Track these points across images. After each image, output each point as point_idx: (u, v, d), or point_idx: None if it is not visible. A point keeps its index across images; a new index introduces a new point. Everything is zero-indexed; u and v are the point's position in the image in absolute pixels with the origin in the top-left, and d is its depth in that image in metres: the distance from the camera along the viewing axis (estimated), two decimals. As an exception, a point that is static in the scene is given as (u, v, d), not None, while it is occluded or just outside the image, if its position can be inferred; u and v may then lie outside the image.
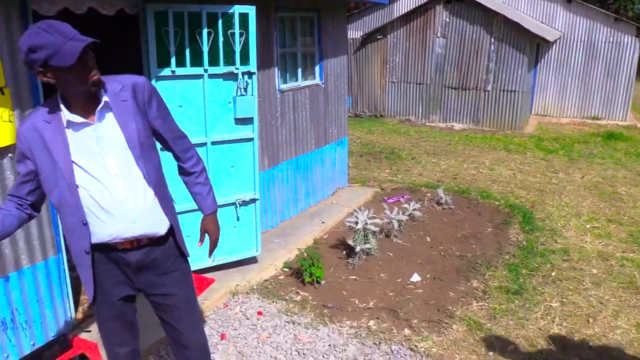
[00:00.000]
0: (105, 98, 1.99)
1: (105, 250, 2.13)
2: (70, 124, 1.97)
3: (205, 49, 3.88)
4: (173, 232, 2.24)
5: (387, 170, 8.01)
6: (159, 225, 2.16)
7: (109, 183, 2.01)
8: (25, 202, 2.12)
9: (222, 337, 3.54)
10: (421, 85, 12.48)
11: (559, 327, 3.79)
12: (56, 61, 1.80)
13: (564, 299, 4.17)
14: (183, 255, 2.33)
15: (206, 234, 2.50)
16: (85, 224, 2.05)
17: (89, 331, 3.53)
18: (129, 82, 2.08)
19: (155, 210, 2.13)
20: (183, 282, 2.33)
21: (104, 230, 2.06)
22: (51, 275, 3.34)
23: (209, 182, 2.44)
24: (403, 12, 12.76)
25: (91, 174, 1.99)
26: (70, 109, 1.96)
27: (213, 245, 2.52)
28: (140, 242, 2.14)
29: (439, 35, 12.01)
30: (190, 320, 2.39)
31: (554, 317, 3.91)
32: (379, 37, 12.75)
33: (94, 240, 2.08)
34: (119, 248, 2.12)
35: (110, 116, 2.02)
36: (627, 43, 12.33)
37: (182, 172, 2.41)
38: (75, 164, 1.98)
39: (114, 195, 2.02)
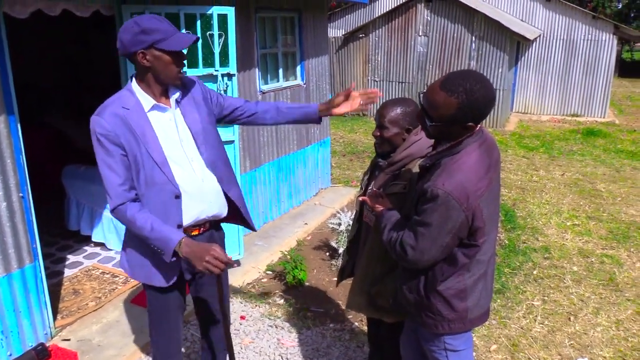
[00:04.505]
0: (177, 91, 2.16)
1: None
2: (155, 107, 2.08)
3: (184, 50, 3.81)
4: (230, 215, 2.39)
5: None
6: (223, 208, 2.31)
7: (187, 166, 2.13)
8: (136, 197, 2.08)
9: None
10: (403, 84, 12.51)
11: (541, 325, 3.82)
12: (164, 45, 1.96)
13: (546, 297, 4.21)
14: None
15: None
16: (179, 196, 2.10)
17: (68, 340, 3.46)
18: (188, 81, 2.25)
19: (221, 193, 2.27)
20: None
21: (188, 211, 2.15)
22: (28, 284, 3.26)
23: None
24: (384, 11, 12.78)
25: (172, 157, 2.10)
26: (151, 95, 2.08)
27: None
28: (205, 228, 2.27)
29: (420, 34, 12.05)
30: (227, 291, 2.59)
31: (536, 316, 3.93)
32: (360, 35, 12.76)
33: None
34: (190, 234, 2.19)
35: (179, 107, 2.17)
36: (605, 41, 12.50)
37: (267, 114, 2.48)
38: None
39: (193, 177, 2.14)
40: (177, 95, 2.14)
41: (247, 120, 2.48)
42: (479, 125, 1.92)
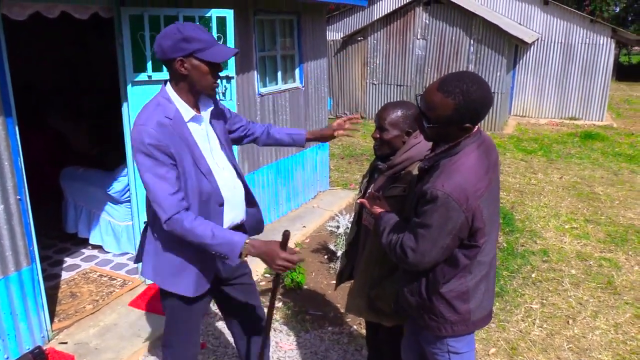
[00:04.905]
0: (212, 103, 2.23)
1: None
2: (194, 118, 2.11)
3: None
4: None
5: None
6: (244, 214, 2.38)
7: (220, 174, 2.18)
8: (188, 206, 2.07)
9: (203, 346, 3.48)
10: (402, 87, 12.53)
11: (540, 328, 3.81)
12: (204, 55, 1.98)
13: (544, 301, 4.20)
14: None
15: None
16: (222, 204, 2.17)
17: (65, 343, 3.45)
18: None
19: (244, 199, 2.36)
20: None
21: (226, 218, 2.22)
22: (25, 287, 3.25)
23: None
24: (383, 14, 12.80)
25: (209, 165, 2.14)
26: (188, 105, 2.11)
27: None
28: None
29: (418, 37, 12.07)
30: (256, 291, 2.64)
31: (535, 319, 3.93)
32: (359, 38, 12.77)
33: None
34: None
35: (209, 117, 2.22)
36: (603, 44, 12.53)
37: (261, 136, 2.60)
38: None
39: (229, 185, 2.21)
40: (212, 107, 2.20)
41: (247, 142, 2.58)
42: (477, 127, 1.93)
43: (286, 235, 2.02)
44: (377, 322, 2.59)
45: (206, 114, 2.18)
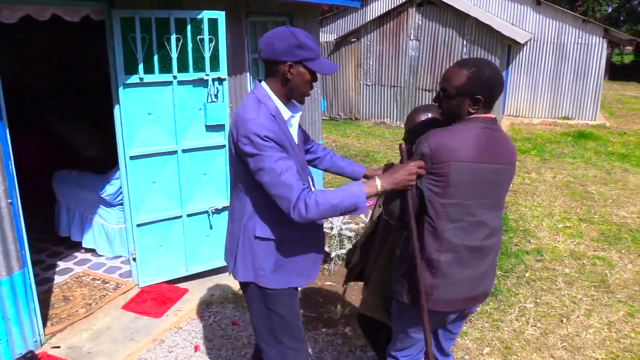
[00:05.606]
0: (300, 109, 2.26)
1: None
2: (289, 119, 2.15)
3: (174, 55, 3.81)
4: None
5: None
6: None
7: (303, 174, 2.18)
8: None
9: (196, 349, 3.47)
10: (395, 88, 12.55)
11: (534, 327, 3.82)
12: (312, 65, 2.04)
13: (538, 300, 4.21)
14: None
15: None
16: None
17: (58, 347, 3.43)
18: None
19: None
20: None
21: None
22: (17, 291, 3.23)
23: None
24: (376, 15, 12.82)
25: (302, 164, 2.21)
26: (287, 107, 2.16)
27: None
28: None
29: (412, 38, 12.10)
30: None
31: (529, 318, 3.94)
32: (352, 40, 12.78)
33: None
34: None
35: (297, 122, 2.26)
36: (595, 44, 12.60)
37: (324, 158, 2.66)
38: None
39: (309, 183, 2.24)
40: (300, 113, 2.24)
41: (307, 158, 2.54)
42: (492, 115, 2.09)
43: (402, 149, 2.13)
44: (377, 326, 2.60)
45: (296, 119, 2.22)
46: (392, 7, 12.46)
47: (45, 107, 6.77)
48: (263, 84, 2.12)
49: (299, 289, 2.36)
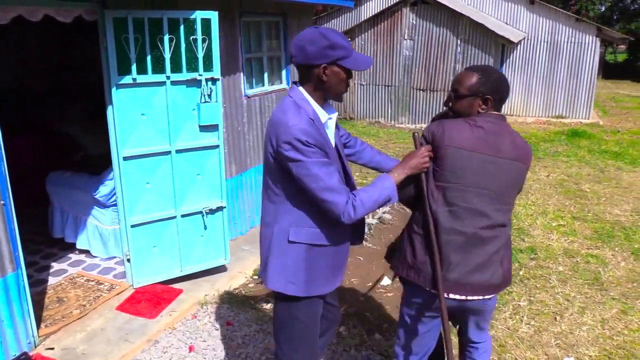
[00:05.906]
0: (335, 109, 2.25)
1: None
2: (327, 121, 2.15)
3: (167, 55, 3.81)
4: None
5: (357, 173, 8.02)
6: None
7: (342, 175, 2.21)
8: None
9: (191, 349, 3.47)
10: (389, 87, 12.56)
11: (527, 325, 3.84)
12: (347, 63, 2.03)
13: (532, 298, 4.23)
14: None
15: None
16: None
17: (52, 348, 3.42)
18: None
19: None
20: None
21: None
22: (10, 293, 3.22)
23: None
24: (370, 15, 12.83)
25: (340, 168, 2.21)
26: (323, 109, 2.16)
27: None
28: None
29: (406, 37, 12.12)
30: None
31: (522, 316, 3.95)
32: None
33: None
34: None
35: (334, 122, 2.27)
36: (588, 43, 12.65)
37: (363, 153, 2.64)
38: None
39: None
40: (336, 113, 2.23)
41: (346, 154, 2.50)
42: (501, 114, 2.25)
43: (415, 137, 2.31)
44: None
45: (333, 120, 2.20)
46: (386, 6, 12.47)
47: (44, 107, 6.76)
48: (300, 87, 2.10)
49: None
